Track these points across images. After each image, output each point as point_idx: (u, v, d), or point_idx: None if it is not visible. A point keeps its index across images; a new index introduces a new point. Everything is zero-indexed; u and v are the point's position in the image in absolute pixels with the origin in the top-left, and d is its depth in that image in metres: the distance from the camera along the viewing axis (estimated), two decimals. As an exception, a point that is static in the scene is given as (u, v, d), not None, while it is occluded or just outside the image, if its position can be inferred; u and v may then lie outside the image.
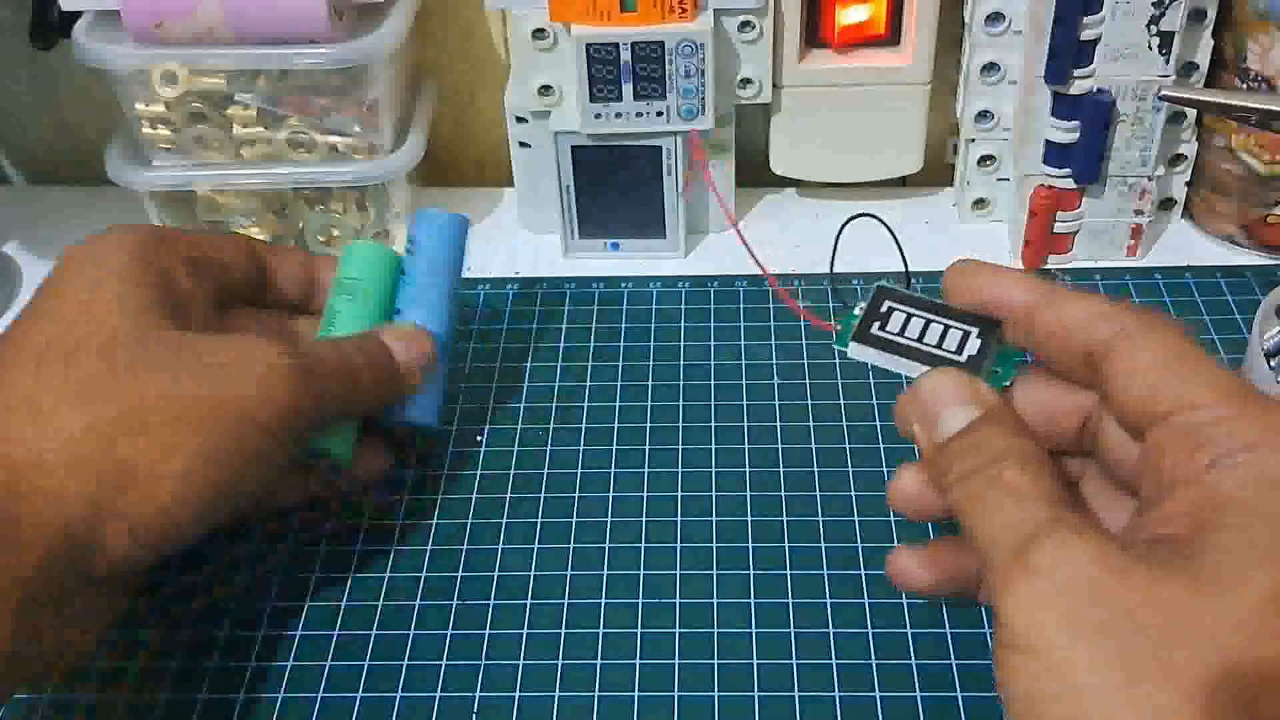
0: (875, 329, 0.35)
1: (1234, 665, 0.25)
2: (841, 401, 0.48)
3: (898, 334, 0.34)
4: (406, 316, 0.44)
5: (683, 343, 0.52)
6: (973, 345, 0.33)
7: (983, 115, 0.55)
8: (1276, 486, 0.27)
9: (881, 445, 0.46)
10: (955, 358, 0.33)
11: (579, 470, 0.46)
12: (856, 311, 0.35)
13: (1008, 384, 0.33)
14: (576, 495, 0.45)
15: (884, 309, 0.35)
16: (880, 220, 0.50)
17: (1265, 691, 0.24)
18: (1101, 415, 0.32)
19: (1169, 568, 0.26)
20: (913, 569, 0.34)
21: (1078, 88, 0.50)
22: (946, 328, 0.34)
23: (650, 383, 0.50)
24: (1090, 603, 0.26)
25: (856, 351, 0.35)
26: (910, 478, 0.34)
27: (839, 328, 0.35)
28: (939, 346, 0.33)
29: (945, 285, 0.35)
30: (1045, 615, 0.26)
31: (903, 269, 0.55)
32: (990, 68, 0.53)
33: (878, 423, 0.47)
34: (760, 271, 0.48)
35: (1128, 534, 0.29)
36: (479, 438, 0.47)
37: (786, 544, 0.42)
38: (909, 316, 0.35)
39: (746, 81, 0.54)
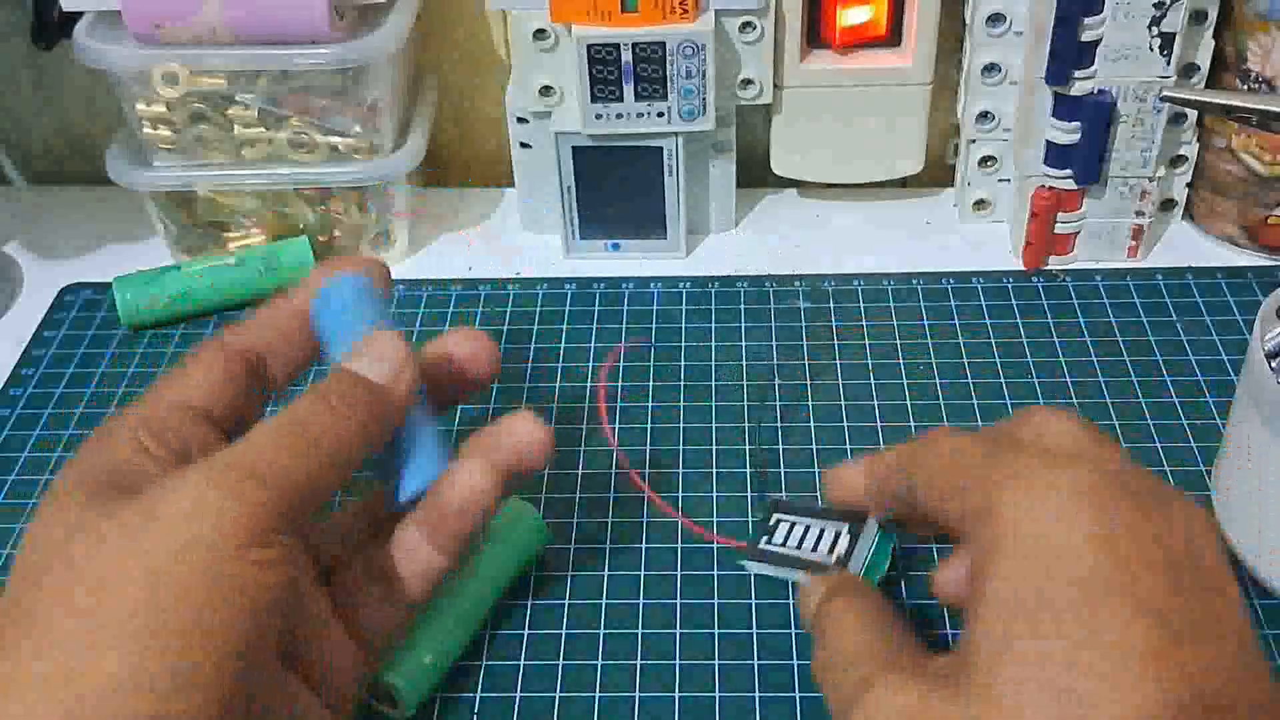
0: (764, 543, 0.40)
1: None
2: (842, 402, 0.48)
3: (782, 545, 0.40)
4: None
5: (684, 343, 0.52)
6: (842, 545, 0.38)
7: (984, 116, 0.55)
8: (1000, 576, 0.28)
9: (882, 444, 0.46)
10: (827, 560, 0.38)
11: (580, 470, 0.46)
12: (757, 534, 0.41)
13: (883, 573, 0.38)
14: (577, 496, 0.45)
15: (773, 522, 0.41)
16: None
17: None
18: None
19: (953, 689, 0.28)
20: (848, 477, 0.38)
21: (1079, 89, 0.50)
22: (822, 531, 0.39)
23: (651, 383, 0.50)
24: None
25: (752, 567, 0.41)
26: (853, 473, 0.38)
27: (745, 545, 0.41)
28: (815, 550, 0.39)
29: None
30: None
31: (900, 270, 0.55)
32: (991, 68, 0.53)
33: (879, 423, 0.47)
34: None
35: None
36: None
37: (787, 544, 0.42)
38: (792, 525, 0.40)
39: (747, 82, 0.54)
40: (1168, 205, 0.57)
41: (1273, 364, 0.36)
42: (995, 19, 0.52)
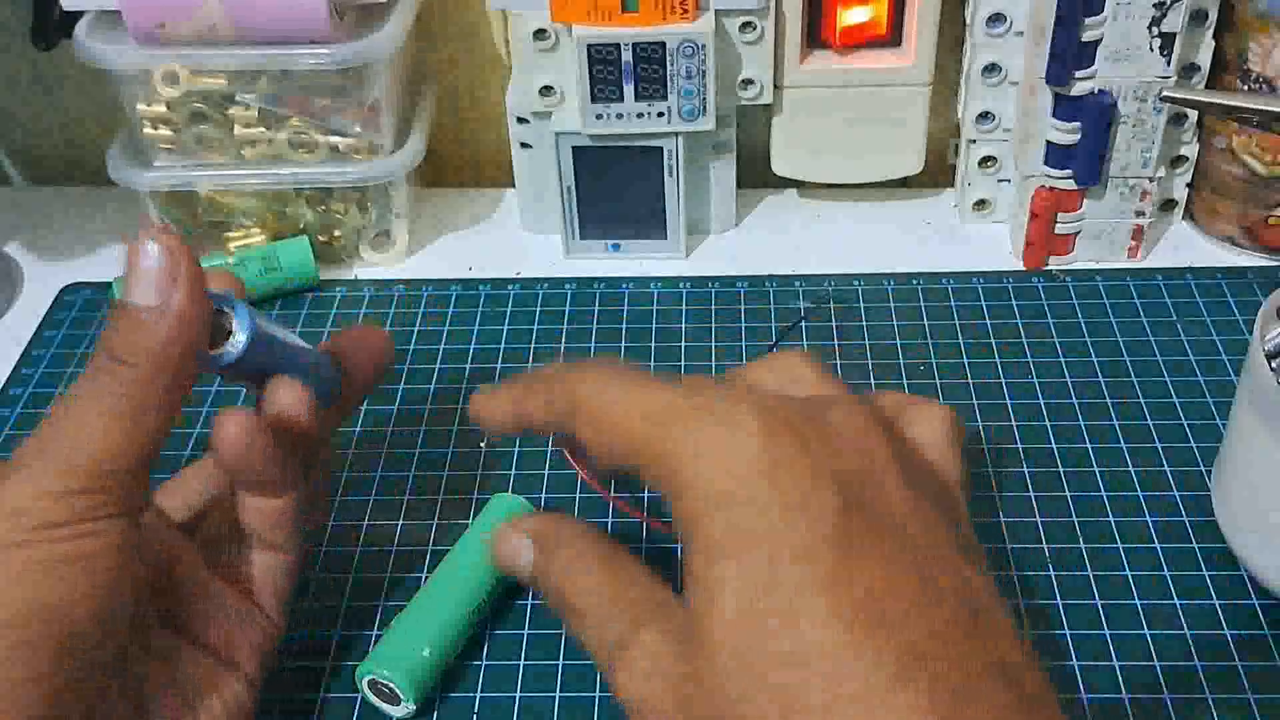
0: None
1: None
2: (842, 402, 0.48)
3: None
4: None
5: (684, 343, 0.52)
6: None
7: (984, 116, 0.55)
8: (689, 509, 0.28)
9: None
10: None
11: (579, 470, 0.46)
12: None
13: None
14: (577, 496, 0.45)
15: None
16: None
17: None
18: None
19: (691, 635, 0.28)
20: (490, 406, 0.36)
21: (1079, 89, 0.50)
22: None
23: (651, 383, 0.50)
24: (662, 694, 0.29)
25: None
26: (501, 403, 0.36)
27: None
28: None
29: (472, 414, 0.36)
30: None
31: (900, 270, 0.55)
32: (991, 69, 0.53)
33: (878, 423, 0.47)
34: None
35: None
36: (482, 443, 0.47)
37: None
38: None
39: (748, 82, 0.54)
40: (1168, 205, 0.57)
41: (1273, 364, 0.36)
42: (995, 19, 0.52)
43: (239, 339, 0.33)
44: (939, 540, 0.28)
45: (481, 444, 0.47)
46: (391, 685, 0.37)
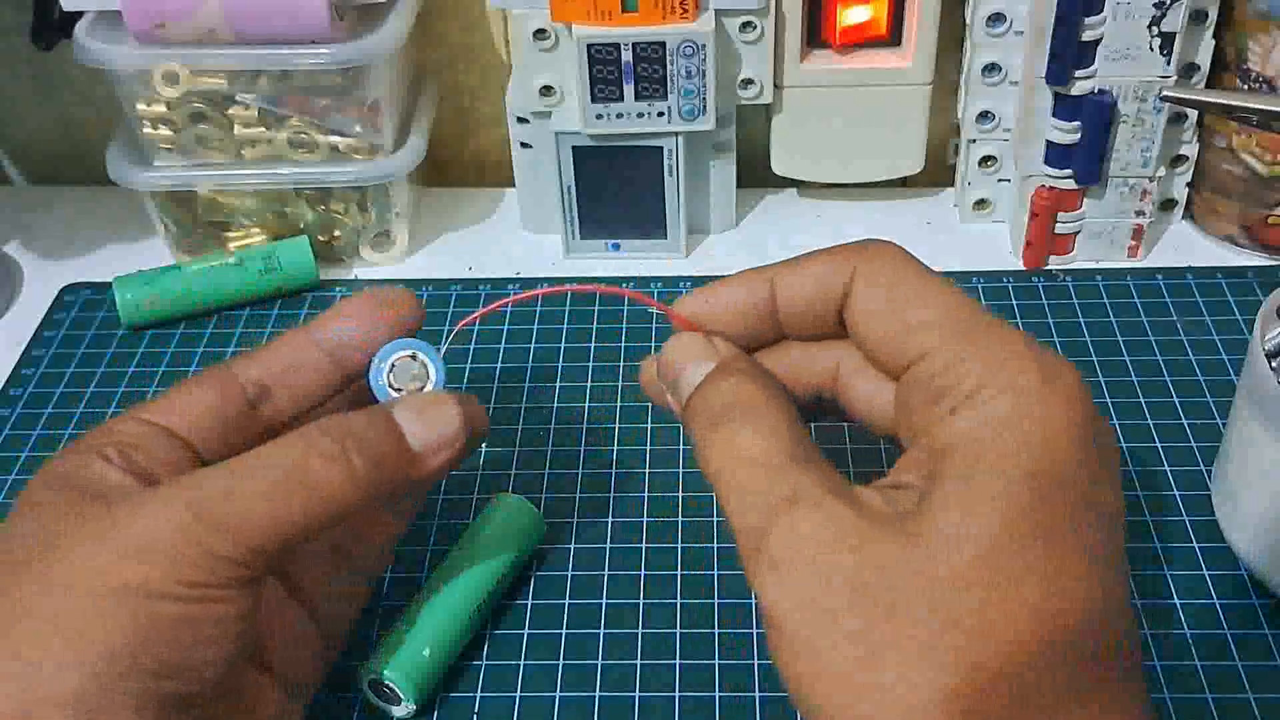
0: None
1: (955, 622, 0.25)
2: (842, 402, 0.48)
3: None
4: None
5: (683, 343, 0.52)
6: None
7: (984, 116, 0.55)
8: (1002, 428, 0.27)
9: (882, 445, 0.46)
10: None
11: (580, 470, 0.46)
12: None
13: None
14: (577, 496, 0.45)
15: None
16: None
17: (977, 641, 0.25)
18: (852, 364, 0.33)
19: (897, 528, 0.27)
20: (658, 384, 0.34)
21: (1079, 88, 0.50)
22: None
23: (651, 383, 0.50)
24: (827, 583, 0.26)
25: None
26: (650, 371, 0.35)
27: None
28: None
29: (677, 316, 0.34)
30: (790, 601, 0.27)
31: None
32: (991, 68, 0.53)
33: (878, 423, 0.47)
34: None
35: (879, 485, 0.29)
36: (481, 443, 0.47)
37: (787, 544, 0.42)
38: None
39: (748, 82, 0.54)
40: (1168, 205, 0.57)
41: (1273, 364, 0.36)
42: (995, 19, 0.52)
43: (428, 389, 0.35)
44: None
45: (481, 443, 0.45)
46: (392, 686, 0.37)
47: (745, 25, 0.52)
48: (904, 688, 0.25)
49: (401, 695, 0.37)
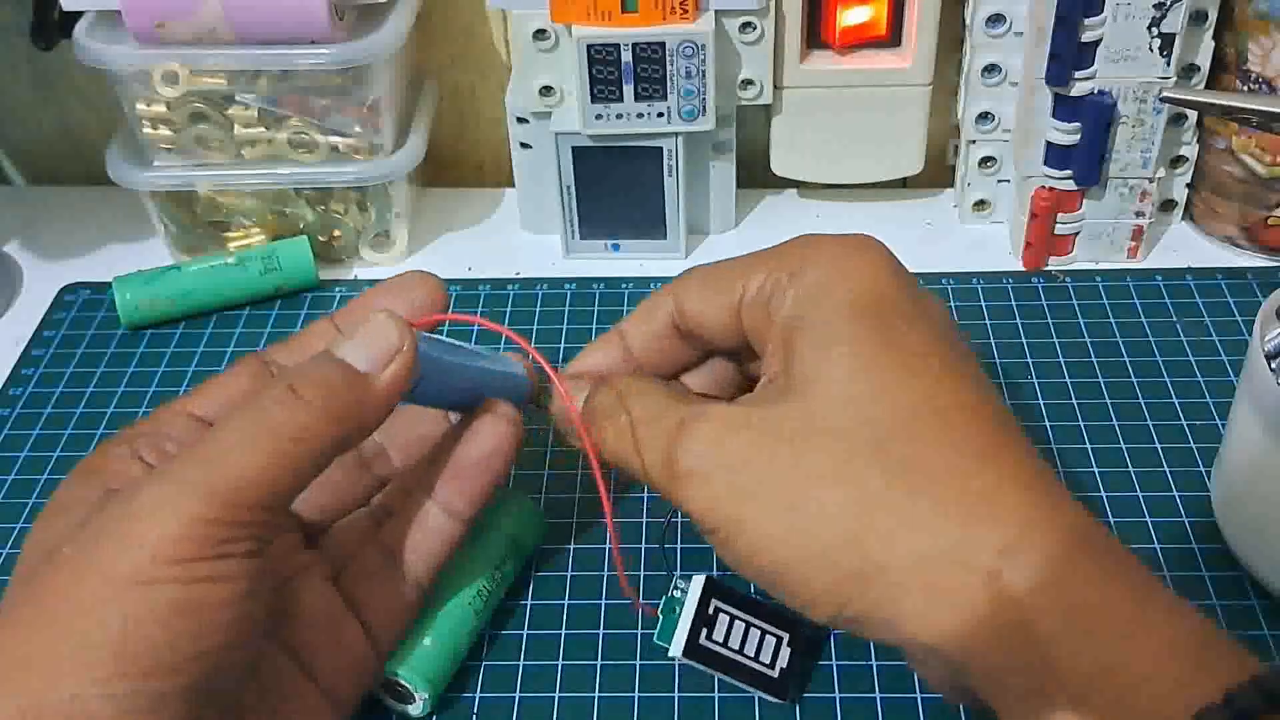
0: (704, 639, 0.37)
1: (848, 433, 0.30)
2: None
3: (723, 644, 0.37)
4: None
5: (683, 343, 0.52)
6: (784, 657, 0.37)
7: (983, 117, 0.55)
8: (825, 290, 0.33)
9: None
10: (770, 672, 0.37)
11: (579, 470, 0.46)
12: (681, 603, 0.38)
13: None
14: (577, 496, 0.45)
15: (712, 610, 0.37)
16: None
17: (877, 428, 0.31)
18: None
19: (775, 400, 0.32)
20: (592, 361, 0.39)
21: (1079, 89, 0.50)
22: (762, 634, 0.37)
23: (651, 383, 0.50)
24: (737, 465, 0.31)
25: (689, 657, 0.37)
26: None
27: (661, 616, 0.38)
28: (756, 659, 0.37)
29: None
30: (712, 496, 0.31)
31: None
32: (991, 69, 0.53)
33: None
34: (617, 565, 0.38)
35: (752, 393, 0.35)
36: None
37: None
38: (732, 622, 0.37)
39: (747, 82, 0.54)
40: (1168, 206, 0.57)
41: (1273, 364, 0.36)
42: (995, 19, 0.52)
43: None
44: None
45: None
46: (405, 684, 0.37)
47: (745, 26, 0.52)
48: (833, 507, 0.30)
49: (414, 692, 0.37)
